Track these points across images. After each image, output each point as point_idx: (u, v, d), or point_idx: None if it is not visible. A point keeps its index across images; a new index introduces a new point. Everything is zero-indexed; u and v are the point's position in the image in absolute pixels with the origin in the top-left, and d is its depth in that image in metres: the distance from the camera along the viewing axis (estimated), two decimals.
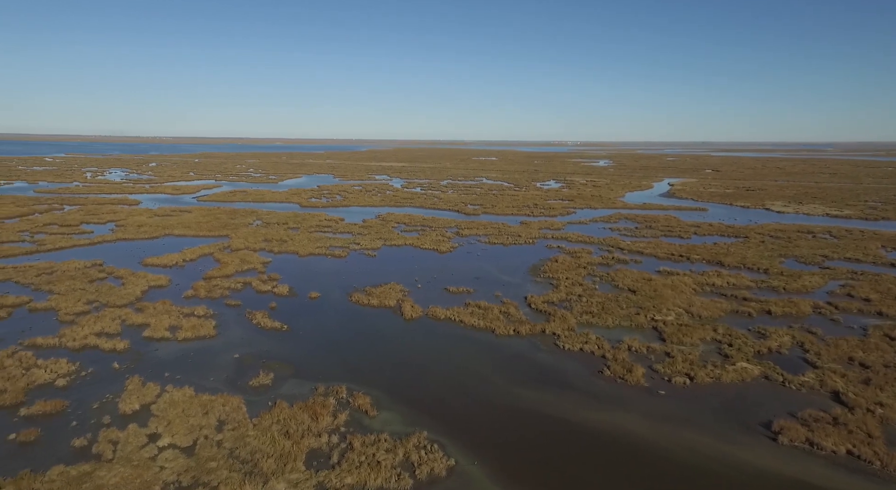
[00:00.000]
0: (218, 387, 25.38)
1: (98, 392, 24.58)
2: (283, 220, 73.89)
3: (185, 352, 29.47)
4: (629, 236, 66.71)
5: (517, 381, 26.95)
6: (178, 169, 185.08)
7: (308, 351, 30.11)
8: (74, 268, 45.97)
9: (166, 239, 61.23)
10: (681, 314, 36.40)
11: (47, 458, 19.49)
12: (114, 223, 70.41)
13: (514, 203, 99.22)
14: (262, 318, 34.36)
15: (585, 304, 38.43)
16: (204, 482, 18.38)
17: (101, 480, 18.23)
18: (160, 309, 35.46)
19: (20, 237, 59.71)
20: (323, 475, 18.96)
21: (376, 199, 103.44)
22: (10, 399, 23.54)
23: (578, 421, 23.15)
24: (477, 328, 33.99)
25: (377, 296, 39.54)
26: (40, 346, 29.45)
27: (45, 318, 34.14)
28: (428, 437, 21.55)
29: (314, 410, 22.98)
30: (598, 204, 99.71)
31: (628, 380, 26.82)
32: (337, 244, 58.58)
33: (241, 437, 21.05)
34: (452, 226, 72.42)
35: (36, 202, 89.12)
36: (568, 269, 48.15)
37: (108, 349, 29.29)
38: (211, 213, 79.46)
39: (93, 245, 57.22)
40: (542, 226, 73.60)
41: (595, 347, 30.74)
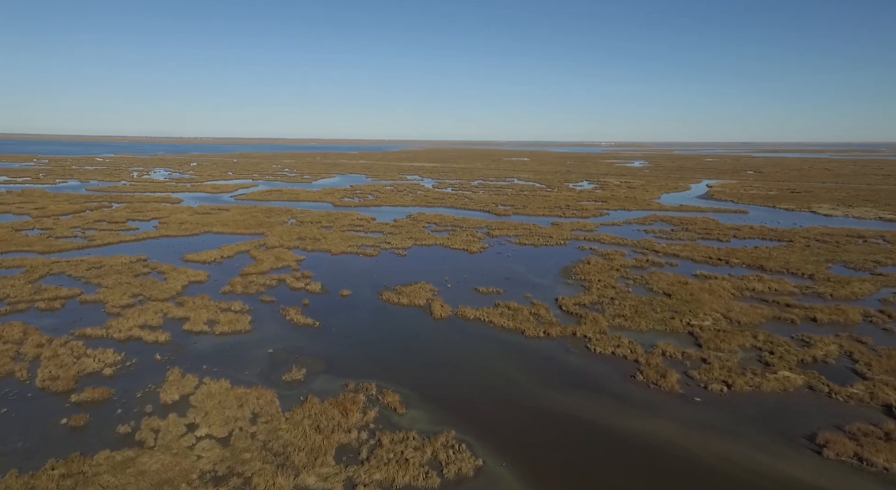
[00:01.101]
0: (252, 380, 26.11)
1: (141, 382, 25.66)
2: (316, 219, 75.37)
3: (221, 345, 30.44)
4: (664, 239, 64.97)
5: (547, 383, 26.66)
6: (217, 169, 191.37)
7: (339, 348, 30.61)
8: (121, 263, 48.15)
9: (206, 236, 63.37)
10: (718, 319, 35.22)
11: (95, 443, 20.50)
12: (157, 220, 73.37)
13: (545, 204, 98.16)
14: (295, 315, 35.14)
15: (618, 307, 37.66)
16: (238, 472, 18.94)
17: (143, 466, 19.03)
18: (199, 303, 36.73)
19: (73, 233, 62.97)
20: (352, 470, 19.24)
21: (407, 198, 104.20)
22: (63, 386, 24.84)
23: (609, 425, 22.71)
24: (506, 329, 33.80)
25: (407, 295, 39.83)
26: (90, 336, 30.98)
27: (94, 309, 35.89)
28: (456, 436, 21.57)
29: (344, 406, 23.34)
30: (633, 205, 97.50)
31: (662, 385, 26.13)
32: (368, 243, 59.33)
33: (274, 430, 21.59)
34: (483, 226, 72.24)
35: (87, 200, 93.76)
36: (600, 272, 47.30)
37: (150, 341, 30.54)
38: (248, 211, 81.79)
39: (138, 241, 59.81)
40: (574, 227, 72.56)
41: (627, 351, 30.09)
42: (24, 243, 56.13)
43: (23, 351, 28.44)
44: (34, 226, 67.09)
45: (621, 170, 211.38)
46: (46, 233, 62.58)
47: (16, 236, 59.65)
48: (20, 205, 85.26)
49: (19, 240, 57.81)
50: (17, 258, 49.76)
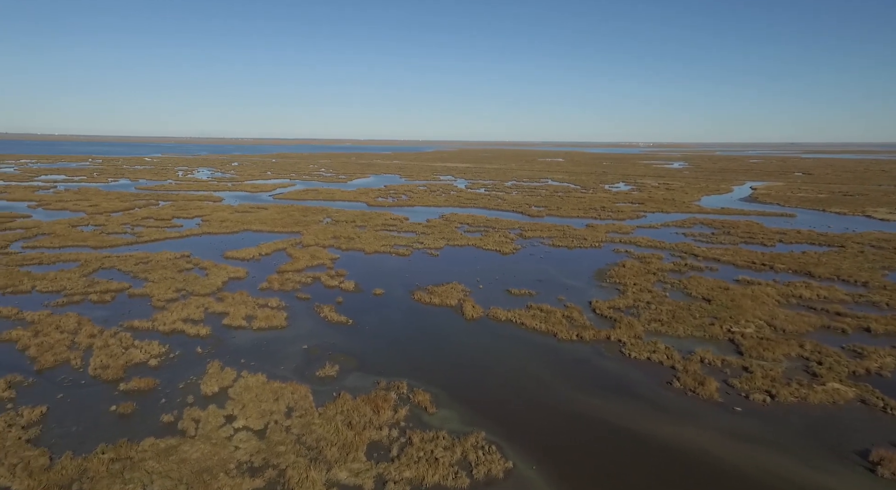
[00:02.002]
0: (288, 375, 26.78)
1: (183, 373, 26.72)
2: (351, 219, 76.62)
3: (259, 340, 31.35)
4: (704, 242, 62.86)
5: (579, 386, 26.24)
6: (257, 168, 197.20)
7: (371, 346, 31.03)
8: (166, 258, 50.28)
9: (245, 234, 65.40)
10: (762, 327, 33.82)
11: (141, 430, 21.49)
12: (200, 218, 76.21)
13: (580, 205, 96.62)
14: (329, 312, 35.83)
15: (654, 311, 36.68)
16: (273, 464, 19.47)
17: (184, 454, 19.83)
18: (238, 299, 37.95)
19: (123, 229, 66.19)
20: (382, 467, 19.47)
21: (440, 199, 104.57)
22: (112, 374, 26.16)
23: (644, 432, 22.16)
24: (538, 331, 33.46)
25: (439, 295, 39.98)
26: (137, 328, 32.47)
27: (141, 303, 37.60)
28: (486, 437, 21.51)
29: (376, 404, 23.64)
30: (671, 208, 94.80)
31: (700, 393, 25.30)
32: (401, 243, 59.87)
33: (308, 425, 22.08)
34: (516, 227, 71.74)
35: (136, 198, 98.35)
36: (636, 275, 46.18)
37: (192, 334, 31.77)
38: (285, 210, 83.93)
39: (182, 238, 62.28)
40: (609, 229, 71.13)
41: (664, 357, 29.28)
42: (80, 238, 59.35)
43: (77, 340, 30.09)
44: (88, 222, 70.87)
45: (659, 171, 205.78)
46: (99, 229, 66.00)
47: (72, 232, 63.16)
48: (76, 202, 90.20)
49: (75, 235, 61.18)
50: (73, 252, 52.68)
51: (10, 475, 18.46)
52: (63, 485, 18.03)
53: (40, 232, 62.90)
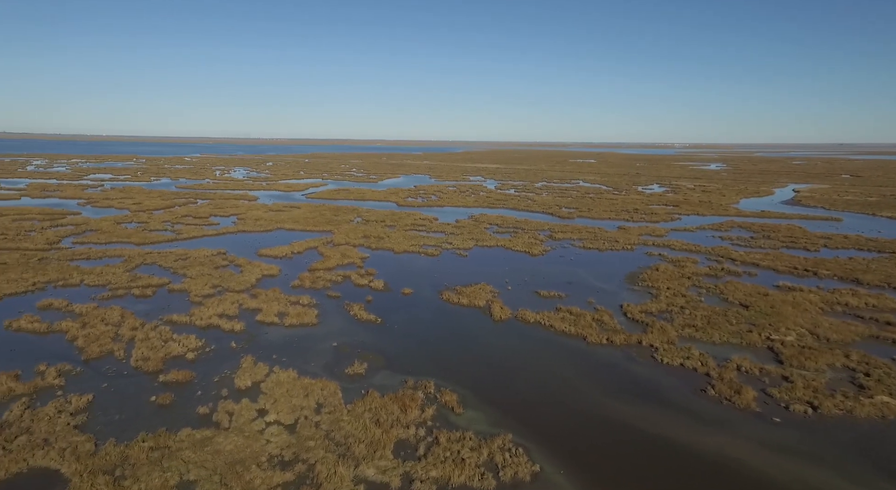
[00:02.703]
0: (317, 372, 27.29)
1: (218, 367, 27.58)
2: (381, 218, 77.43)
3: (290, 337, 32.05)
4: (743, 246, 60.77)
5: (609, 391, 25.79)
6: (290, 168, 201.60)
7: (399, 345, 31.29)
8: (203, 255, 51.98)
9: (278, 232, 66.97)
10: (803, 335, 32.45)
11: (178, 421, 22.30)
12: (236, 216, 78.45)
13: (612, 207, 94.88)
14: (358, 311, 36.32)
15: (688, 316, 35.70)
16: (303, 459, 19.88)
17: (219, 446, 20.47)
18: (271, 296, 38.89)
19: (164, 226, 68.80)
20: (409, 466, 19.62)
21: (470, 199, 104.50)
22: (152, 366, 27.24)
23: (676, 440, 21.59)
24: (567, 334, 33.05)
25: (467, 295, 39.98)
26: (175, 322, 33.70)
27: (179, 298, 39.00)
28: (513, 440, 21.39)
29: (403, 402, 23.84)
30: (708, 210, 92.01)
31: (736, 402, 24.49)
32: (430, 243, 60.14)
33: (337, 421, 22.45)
34: (545, 228, 71.02)
35: (176, 196, 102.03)
36: (670, 279, 45.03)
37: (227, 329, 32.74)
38: (317, 209, 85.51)
39: (218, 235, 64.27)
40: (642, 232, 69.57)
41: (698, 364, 28.46)
42: (124, 235, 62.02)
43: (120, 333, 31.47)
44: (132, 219, 73.96)
45: (696, 172, 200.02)
46: (142, 226, 68.80)
47: (117, 228, 66.07)
48: (121, 200, 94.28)
49: (120, 231, 63.98)
50: (118, 248, 55.10)
51: (60, 458, 19.48)
52: (107, 470, 18.90)
53: (88, 228, 66.02)
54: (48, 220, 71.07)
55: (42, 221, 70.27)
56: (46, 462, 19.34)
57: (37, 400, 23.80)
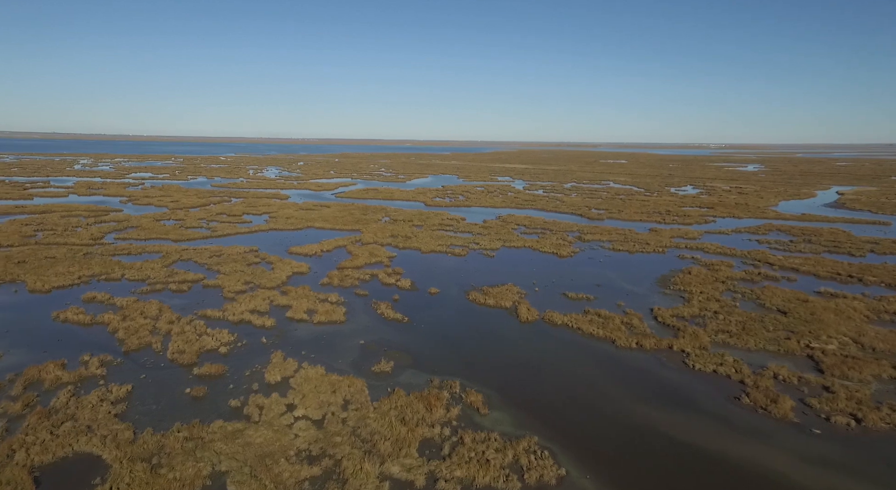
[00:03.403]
0: (345, 369, 27.69)
1: (249, 361, 28.29)
2: (408, 218, 77.92)
3: (318, 334, 32.61)
4: (781, 250, 58.58)
5: (637, 396, 25.26)
6: (321, 168, 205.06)
7: (425, 344, 31.43)
8: (236, 252, 53.42)
9: (308, 231, 68.23)
10: (847, 344, 31.05)
11: (211, 413, 23.00)
12: (268, 214, 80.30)
13: (643, 208, 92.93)
14: (385, 309, 36.66)
15: (722, 322, 34.64)
16: (330, 454, 20.21)
17: (249, 439, 21.01)
18: (300, 293, 39.65)
19: (199, 224, 71.03)
20: (434, 465, 19.69)
21: (497, 200, 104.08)
22: (187, 359, 28.17)
23: (708, 448, 20.98)
24: (596, 337, 32.55)
25: (494, 296, 39.84)
26: (210, 317, 34.75)
27: (213, 293, 40.18)
28: (539, 442, 21.21)
29: (429, 401, 23.94)
30: (744, 213, 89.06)
31: (772, 411, 23.63)
32: (457, 243, 60.19)
33: (363, 418, 22.72)
34: (574, 230, 70.11)
35: (212, 195, 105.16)
36: (703, 283, 43.79)
37: (258, 325, 33.56)
38: (346, 208, 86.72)
39: (251, 233, 65.92)
40: (674, 234, 67.88)
41: (732, 370, 27.59)
42: (162, 232, 64.34)
43: (158, 326, 32.65)
44: (170, 217, 76.61)
45: (732, 174, 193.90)
46: (179, 223, 71.19)
47: (156, 225, 68.58)
48: (160, 198, 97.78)
49: (158, 228, 66.39)
50: (157, 244, 57.18)
51: (102, 445, 20.37)
52: (144, 458, 19.65)
53: (129, 225, 68.77)
54: (93, 217, 74.35)
55: (87, 218, 73.58)
56: (89, 448, 20.25)
57: (81, 388, 24.95)
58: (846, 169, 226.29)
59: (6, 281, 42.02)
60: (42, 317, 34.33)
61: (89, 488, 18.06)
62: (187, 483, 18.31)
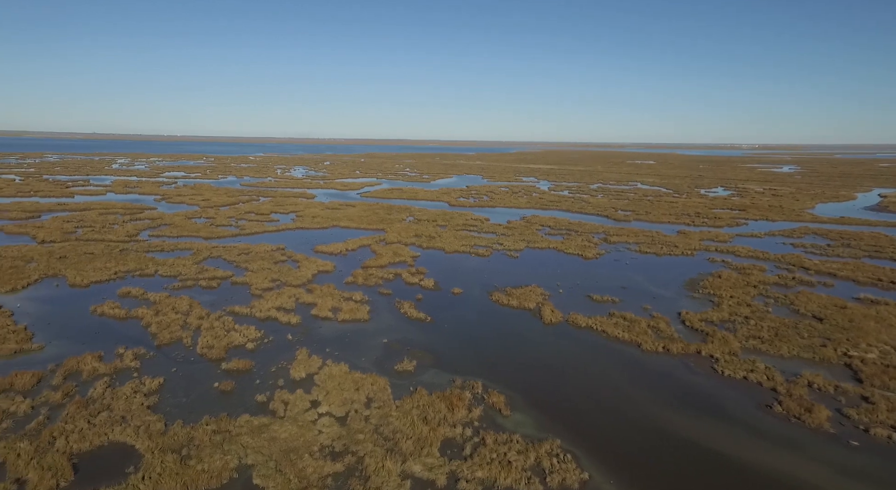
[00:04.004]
0: (368, 367, 27.94)
1: (275, 358, 28.84)
2: (432, 218, 78.15)
3: (343, 332, 33.01)
4: (818, 254, 56.50)
5: (663, 402, 24.74)
6: (346, 167, 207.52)
7: (448, 344, 31.47)
8: (264, 250, 54.53)
9: (333, 230, 69.14)
10: (888, 353, 29.74)
11: (238, 407, 23.54)
12: (294, 213, 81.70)
13: (671, 210, 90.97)
14: (408, 308, 36.86)
15: (753, 327, 33.63)
16: (352, 451, 20.44)
17: (274, 433, 21.43)
18: (325, 291, 40.21)
19: (229, 222, 72.79)
20: (455, 465, 19.70)
21: (522, 200, 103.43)
22: (216, 354, 28.90)
23: (738, 458, 20.39)
24: (621, 340, 32.02)
25: (517, 297, 39.61)
26: (237, 313, 35.57)
27: (241, 290, 41.11)
28: (561, 445, 20.99)
29: (451, 401, 23.97)
30: (778, 215, 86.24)
31: (807, 421, 22.82)
32: (481, 243, 60.06)
33: (385, 416, 22.90)
34: (600, 231, 69.13)
35: (241, 194, 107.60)
36: (733, 287, 42.60)
37: (284, 322, 34.17)
38: (371, 208, 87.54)
39: (278, 232, 67.19)
40: (703, 237, 66.23)
41: (763, 378, 26.76)
42: (193, 229, 66.17)
43: (188, 321, 33.61)
44: (201, 215, 78.75)
45: (765, 175, 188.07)
46: (209, 221, 73.10)
47: (188, 223, 70.59)
48: (192, 197, 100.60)
49: (190, 226, 68.30)
50: (188, 242, 58.85)
51: (136, 435, 21.09)
52: (175, 449, 20.26)
53: (163, 222, 70.98)
54: (129, 215, 77.01)
55: (124, 215, 76.27)
56: (123, 437, 20.99)
57: (116, 380, 25.87)
58: (889, 170, 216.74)
59: (49, 275, 43.91)
60: (81, 310, 35.74)
61: (123, 476, 18.71)
62: (215, 475, 18.79)
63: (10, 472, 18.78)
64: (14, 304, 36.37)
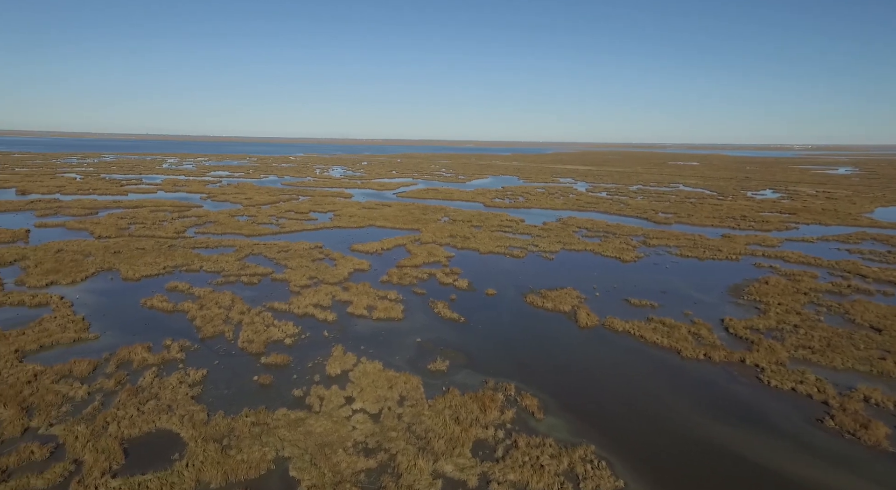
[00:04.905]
0: (401, 365, 28.21)
1: (312, 354, 29.52)
2: (467, 218, 78.15)
3: (377, 330, 33.45)
4: (877, 261, 53.21)
5: (703, 411, 23.88)
6: (383, 167, 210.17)
7: (481, 344, 31.39)
8: (303, 248, 55.92)
9: (370, 229, 70.16)
10: None
11: (276, 401, 24.23)
12: (332, 212, 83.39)
13: (715, 213, 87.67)
14: (442, 308, 36.99)
15: (803, 336, 32.00)
16: (385, 448, 20.69)
17: (310, 428, 21.94)
18: (361, 290, 40.86)
19: (269, 220, 75.05)
20: (487, 466, 19.63)
21: (558, 202, 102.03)
22: (256, 348, 29.85)
23: (784, 472, 19.45)
24: (659, 346, 31.11)
25: (552, 299, 39.11)
26: (276, 309, 36.61)
27: (281, 287, 42.30)
28: (595, 452, 20.58)
29: (483, 402, 23.90)
30: (832, 220, 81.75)
31: (862, 437, 21.54)
32: (516, 244, 59.62)
33: (418, 415, 23.07)
34: (639, 234, 67.36)
35: (281, 193, 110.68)
36: (782, 294, 40.66)
37: (321, 319, 34.93)
38: (406, 208, 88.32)
39: (316, 230, 68.74)
40: (750, 241, 63.52)
41: (813, 390, 25.43)
42: (236, 227, 68.55)
43: (230, 316, 34.84)
44: (243, 213, 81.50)
45: (819, 177, 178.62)
46: (251, 219, 75.58)
47: (231, 221, 73.20)
48: (235, 195, 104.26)
49: (233, 224, 70.81)
50: (231, 239, 61.03)
51: (180, 424, 22.06)
52: (216, 438, 21.06)
53: (208, 220, 73.85)
54: (177, 212, 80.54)
55: (172, 213, 79.82)
56: (169, 425, 21.99)
57: (163, 370, 27.12)
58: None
59: (104, 269, 46.47)
60: (132, 302, 37.65)
61: (168, 463, 19.59)
62: (254, 466, 19.41)
63: (68, 452, 20.00)
64: (74, 296, 38.67)
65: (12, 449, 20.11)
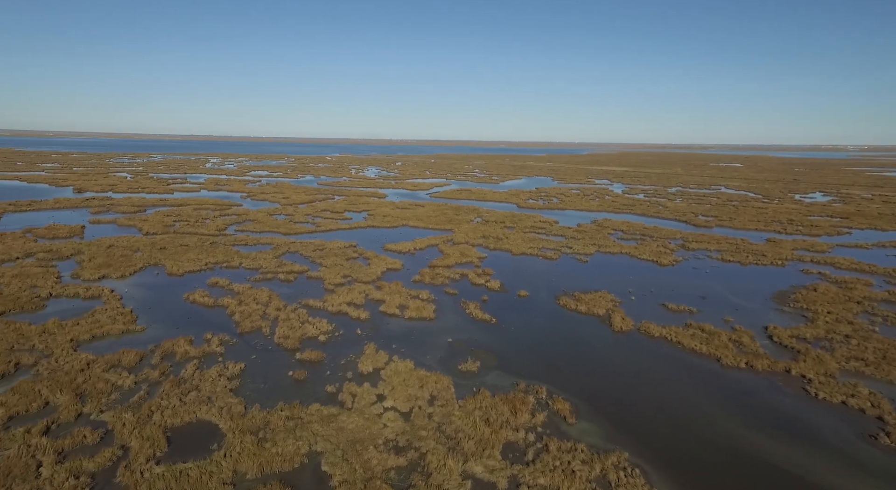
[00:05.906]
0: (432, 365, 28.34)
1: (345, 351, 30.01)
2: (500, 219, 77.77)
3: (409, 329, 33.71)
4: None
5: (744, 422, 22.96)
6: (417, 168, 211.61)
7: (513, 346, 31.17)
8: (337, 247, 56.93)
9: (403, 229, 70.77)
10: None
11: (309, 396, 24.77)
12: (367, 212, 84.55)
13: (759, 217, 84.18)
14: (474, 309, 36.93)
15: (855, 347, 30.33)
16: (415, 447, 20.83)
17: (342, 424, 22.32)
18: (393, 289, 41.26)
19: (306, 219, 76.77)
20: (517, 469, 19.48)
21: (593, 203, 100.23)
22: (291, 344, 30.60)
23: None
24: (698, 353, 30.12)
25: (585, 302, 38.45)
26: (311, 306, 37.41)
27: (315, 285, 43.20)
28: (629, 459, 20.11)
29: (514, 405, 23.73)
30: (890, 225, 77.15)
31: None
32: (549, 246, 58.92)
33: (448, 415, 23.11)
34: (678, 237, 65.39)
35: (318, 192, 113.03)
36: (832, 302, 38.65)
37: (354, 317, 35.47)
38: (439, 208, 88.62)
39: (351, 229, 69.86)
40: (797, 246, 60.68)
41: (866, 404, 24.07)
42: (274, 225, 70.46)
43: (267, 312, 35.84)
44: (281, 212, 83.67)
45: (875, 180, 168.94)
46: (288, 218, 77.50)
47: (269, 219, 75.30)
48: (273, 194, 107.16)
49: (271, 222, 72.82)
50: (269, 237, 62.77)
51: (219, 415, 22.85)
52: (252, 431, 21.71)
53: (248, 218, 76.20)
54: (219, 211, 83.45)
55: (214, 211, 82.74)
56: (209, 416, 22.81)
57: (204, 363, 28.15)
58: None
59: (151, 264, 48.63)
60: (176, 297, 39.24)
61: (208, 452, 20.33)
62: (287, 459, 19.90)
63: (117, 438, 21.05)
64: (123, 289, 40.65)
65: (67, 432, 21.32)
